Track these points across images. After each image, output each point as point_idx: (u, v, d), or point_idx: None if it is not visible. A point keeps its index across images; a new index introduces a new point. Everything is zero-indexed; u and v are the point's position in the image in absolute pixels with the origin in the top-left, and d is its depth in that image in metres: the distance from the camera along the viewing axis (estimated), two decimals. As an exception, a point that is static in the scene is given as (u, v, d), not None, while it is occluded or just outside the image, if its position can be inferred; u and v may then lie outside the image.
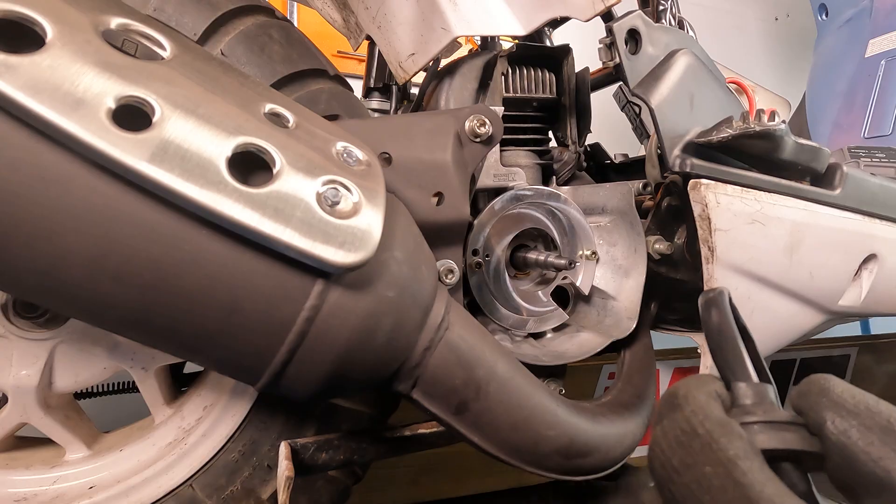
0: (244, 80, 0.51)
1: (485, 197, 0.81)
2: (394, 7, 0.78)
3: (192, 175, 0.41)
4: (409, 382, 0.57)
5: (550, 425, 0.62)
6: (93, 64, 0.40)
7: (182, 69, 0.45)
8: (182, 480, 0.67)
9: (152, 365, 0.69)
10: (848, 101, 1.58)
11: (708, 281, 0.68)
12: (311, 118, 0.53)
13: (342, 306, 0.48)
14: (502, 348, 0.62)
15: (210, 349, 0.49)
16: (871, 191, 0.82)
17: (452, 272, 0.69)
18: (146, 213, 0.42)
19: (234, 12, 0.66)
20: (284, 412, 0.70)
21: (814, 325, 0.83)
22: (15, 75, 0.38)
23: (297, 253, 0.44)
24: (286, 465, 0.57)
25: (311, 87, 0.71)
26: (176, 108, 0.42)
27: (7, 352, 0.64)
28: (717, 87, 0.77)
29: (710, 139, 0.70)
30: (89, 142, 0.39)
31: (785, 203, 0.72)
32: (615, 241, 0.85)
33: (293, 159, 0.45)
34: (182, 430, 0.71)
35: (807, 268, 0.75)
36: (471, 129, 0.68)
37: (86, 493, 0.67)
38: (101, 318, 0.48)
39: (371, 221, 0.46)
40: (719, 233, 0.66)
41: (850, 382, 1.20)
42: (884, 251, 0.84)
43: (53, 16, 0.41)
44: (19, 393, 0.65)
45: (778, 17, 2.89)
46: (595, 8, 0.69)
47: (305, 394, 0.52)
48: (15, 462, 0.69)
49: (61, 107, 0.38)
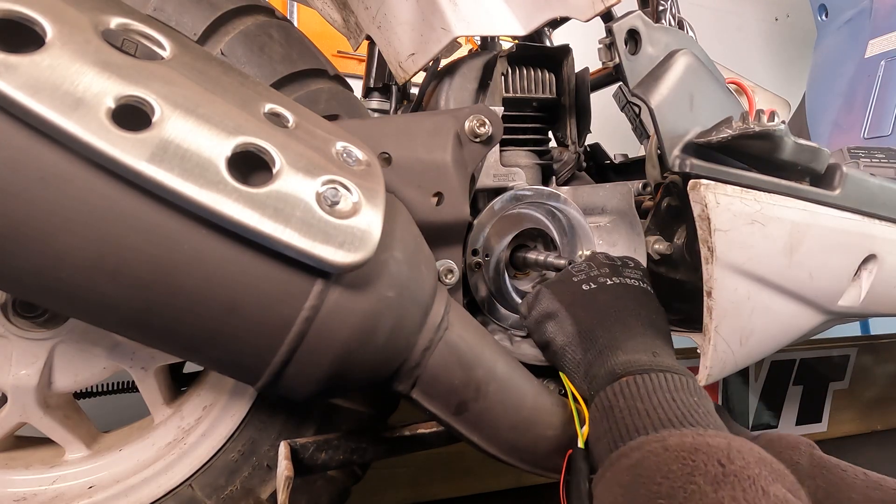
0: (244, 80, 0.51)
1: (484, 197, 0.81)
2: (394, 7, 0.78)
3: (192, 175, 0.41)
4: (409, 382, 0.57)
5: (550, 425, 0.62)
6: (92, 63, 0.40)
7: (182, 69, 0.45)
8: (181, 480, 0.67)
9: (152, 365, 0.70)
10: (848, 102, 1.58)
11: (708, 281, 0.68)
12: (310, 118, 0.53)
13: (342, 306, 0.48)
14: (502, 348, 0.62)
15: (209, 349, 0.48)
16: (871, 191, 0.82)
17: (452, 272, 0.69)
18: (146, 212, 0.42)
19: (233, 12, 0.66)
20: (284, 412, 0.70)
21: (813, 326, 0.83)
22: (15, 75, 0.38)
23: (296, 253, 0.44)
24: (285, 465, 0.57)
25: (311, 87, 0.71)
26: (176, 108, 0.42)
27: (7, 351, 0.64)
28: (717, 88, 0.77)
29: (709, 139, 0.70)
30: (89, 141, 0.39)
31: (785, 203, 0.72)
32: (615, 242, 0.85)
33: (293, 159, 0.45)
34: (181, 430, 0.71)
35: (806, 268, 0.75)
36: (470, 129, 0.68)
37: (85, 492, 0.67)
38: (101, 318, 0.48)
39: (371, 221, 0.46)
40: (719, 233, 0.66)
41: (850, 383, 1.22)
42: (883, 252, 0.84)
43: (53, 15, 0.41)
44: (19, 392, 0.65)
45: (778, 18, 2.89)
46: (595, 8, 0.69)
47: (305, 394, 0.52)
48: (14, 462, 0.69)
49: (61, 106, 0.38)
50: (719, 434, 0.42)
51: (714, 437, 0.41)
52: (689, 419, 0.45)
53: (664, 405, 0.46)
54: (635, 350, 0.55)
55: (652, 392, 0.48)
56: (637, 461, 0.41)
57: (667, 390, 0.48)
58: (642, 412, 0.46)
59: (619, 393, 0.49)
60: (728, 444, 0.40)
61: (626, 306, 0.60)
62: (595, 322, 0.58)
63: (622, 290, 0.62)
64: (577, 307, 0.61)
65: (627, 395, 0.48)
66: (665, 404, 0.46)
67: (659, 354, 0.55)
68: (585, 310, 0.60)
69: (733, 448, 0.39)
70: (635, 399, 0.48)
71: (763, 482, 0.36)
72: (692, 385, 0.50)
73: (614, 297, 0.61)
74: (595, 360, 0.56)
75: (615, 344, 0.56)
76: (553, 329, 0.61)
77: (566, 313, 0.61)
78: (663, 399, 0.47)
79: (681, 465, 0.38)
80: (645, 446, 0.42)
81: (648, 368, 0.51)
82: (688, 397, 0.47)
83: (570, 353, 0.60)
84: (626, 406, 0.48)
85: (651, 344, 0.57)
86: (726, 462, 0.38)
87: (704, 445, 0.40)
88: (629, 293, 0.63)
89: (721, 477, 0.37)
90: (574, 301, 0.62)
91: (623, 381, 0.50)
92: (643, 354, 0.54)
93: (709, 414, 0.47)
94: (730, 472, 0.37)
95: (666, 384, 0.48)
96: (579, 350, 0.58)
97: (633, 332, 0.57)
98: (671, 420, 0.45)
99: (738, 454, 0.39)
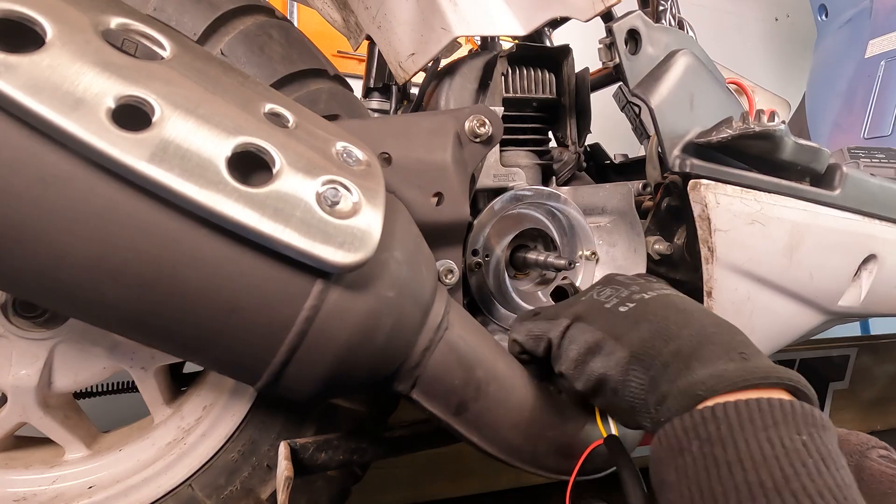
0: (244, 80, 0.51)
1: (485, 197, 0.81)
2: (394, 7, 0.78)
3: (192, 175, 0.41)
4: (409, 383, 0.57)
5: (550, 425, 0.62)
6: (92, 63, 0.40)
7: (182, 69, 0.45)
8: (181, 480, 0.67)
9: (152, 365, 0.70)
10: (848, 102, 1.58)
11: (708, 281, 0.68)
12: (310, 118, 0.53)
13: (342, 306, 0.48)
14: (502, 348, 0.62)
15: (209, 349, 0.48)
16: (871, 191, 0.82)
17: (452, 272, 0.69)
18: (146, 212, 0.42)
19: (233, 12, 0.66)
20: (284, 412, 0.70)
21: (814, 326, 0.83)
22: (15, 75, 0.38)
23: (296, 253, 0.44)
24: (285, 465, 0.57)
25: (311, 87, 0.71)
26: (176, 108, 0.42)
27: (6, 351, 0.64)
28: (717, 88, 0.77)
29: (709, 139, 0.70)
30: (89, 141, 0.39)
31: (785, 203, 0.73)
32: (615, 242, 0.85)
33: (293, 159, 0.45)
34: (181, 430, 0.71)
35: (806, 268, 0.75)
36: (470, 129, 0.68)
37: (85, 492, 0.67)
38: (101, 318, 0.48)
39: (370, 221, 0.46)
40: (719, 233, 0.66)
41: (850, 383, 1.22)
42: (883, 252, 0.84)
43: (53, 15, 0.40)
44: (19, 392, 0.65)
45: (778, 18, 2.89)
46: (595, 8, 0.69)
47: (305, 394, 0.52)
48: (14, 462, 0.69)
49: (61, 106, 0.38)
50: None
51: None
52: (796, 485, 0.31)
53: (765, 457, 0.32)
54: (715, 356, 0.41)
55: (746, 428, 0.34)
56: None
57: (770, 426, 0.34)
58: (724, 466, 0.33)
59: (692, 430, 0.36)
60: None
61: (683, 309, 0.48)
62: (652, 334, 0.46)
63: (667, 300, 0.50)
64: (622, 329, 0.48)
65: (704, 438, 0.35)
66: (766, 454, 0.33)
67: (748, 356, 0.41)
68: (635, 329, 0.47)
69: None
70: (714, 444, 0.34)
71: None
72: (807, 413, 0.35)
73: (663, 307, 0.48)
74: (660, 376, 0.42)
75: (685, 351, 0.42)
76: (602, 364, 0.48)
77: (613, 341, 0.48)
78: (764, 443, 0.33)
79: None
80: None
81: (740, 382, 0.37)
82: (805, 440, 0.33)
83: (632, 381, 0.45)
84: (702, 454, 0.35)
85: (731, 342, 0.42)
86: None
87: None
88: (677, 300, 0.50)
89: None
90: (616, 324, 0.49)
91: (699, 412, 0.36)
92: (727, 361, 0.40)
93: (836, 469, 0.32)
94: None
95: (770, 414, 0.34)
96: (640, 371, 0.45)
97: (703, 332, 0.44)
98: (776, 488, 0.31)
99: None
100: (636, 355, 0.45)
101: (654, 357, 0.44)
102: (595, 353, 0.49)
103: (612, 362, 0.47)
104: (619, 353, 0.47)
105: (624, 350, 0.46)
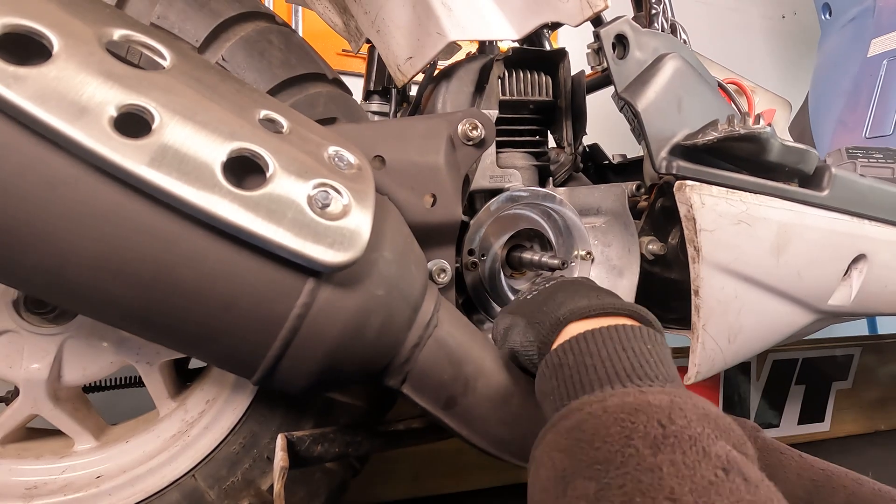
0: (241, 87, 0.53)
1: (481, 198, 0.82)
2: (391, 12, 0.79)
3: (189, 178, 0.43)
4: (400, 377, 0.59)
5: (539, 420, 0.63)
6: (96, 74, 0.43)
7: (181, 78, 0.48)
8: (185, 471, 0.69)
9: (157, 360, 0.72)
10: (851, 101, 1.58)
11: (694, 280, 0.69)
12: (304, 123, 0.55)
13: (332, 303, 0.50)
14: (491, 345, 0.64)
15: (207, 344, 0.51)
16: (860, 192, 0.83)
17: (445, 271, 0.71)
18: (146, 214, 0.44)
19: (234, 18, 0.68)
20: (283, 406, 0.72)
21: (804, 324, 0.84)
22: (24, 86, 0.40)
23: (288, 252, 0.46)
24: (281, 456, 0.59)
25: (310, 91, 0.72)
26: (174, 115, 0.44)
27: (18, 346, 0.67)
28: (707, 91, 0.79)
29: (695, 142, 0.71)
30: (92, 148, 0.41)
31: (771, 204, 0.74)
32: (610, 242, 0.86)
33: (286, 163, 0.48)
34: (185, 423, 0.73)
35: (794, 267, 0.76)
36: (463, 132, 0.70)
37: (93, 482, 0.69)
38: (105, 315, 0.51)
39: (360, 222, 0.49)
40: (704, 233, 0.68)
41: (854, 383, 1.23)
42: (873, 251, 0.84)
43: (60, 29, 0.43)
44: (30, 386, 0.67)
45: (784, 15, 2.88)
46: (584, 13, 0.70)
47: (299, 387, 0.54)
48: (26, 452, 0.71)
49: (66, 115, 0.41)
50: (663, 391, 0.39)
51: (656, 395, 0.38)
52: (637, 373, 0.42)
53: (612, 358, 0.44)
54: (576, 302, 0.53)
55: (602, 345, 0.45)
56: (576, 423, 0.39)
57: (617, 341, 0.45)
58: (590, 368, 0.44)
59: (570, 350, 0.46)
60: (670, 401, 0.38)
61: (570, 287, 0.60)
62: (540, 304, 0.57)
63: (561, 283, 0.62)
64: (525, 309, 0.60)
65: (577, 352, 0.46)
66: (614, 356, 0.44)
67: (602, 297, 0.53)
68: (531, 303, 0.59)
69: (675, 406, 0.37)
70: (584, 355, 0.45)
71: (705, 441, 0.34)
72: (645, 333, 0.46)
73: (556, 288, 0.60)
74: (540, 328, 0.54)
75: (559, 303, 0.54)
76: (513, 337, 0.60)
77: (516, 316, 0.60)
78: (612, 351, 0.44)
79: (620, 427, 0.36)
80: (585, 407, 0.40)
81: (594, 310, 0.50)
82: (640, 346, 0.45)
83: (526, 342, 0.57)
84: (576, 363, 0.45)
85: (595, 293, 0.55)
86: (667, 422, 0.36)
87: (645, 405, 0.37)
88: (569, 283, 0.62)
89: (661, 439, 0.35)
90: (520, 305, 0.61)
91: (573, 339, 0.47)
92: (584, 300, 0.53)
93: (661, 363, 0.44)
94: (670, 434, 0.35)
95: (617, 335, 0.45)
96: (531, 334, 0.56)
97: (577, 293, 0.55)
98: (618, 375, 0.42)
99: (680, 412, 0.37)
100: (529, 322, 0.56)
101: (539, 320, 0.55)
102: (510, 330, 0.60)
103: (517, 333, 0.59)
104: (520, 324, 0.58)
105: (522, 321, 0.58)
